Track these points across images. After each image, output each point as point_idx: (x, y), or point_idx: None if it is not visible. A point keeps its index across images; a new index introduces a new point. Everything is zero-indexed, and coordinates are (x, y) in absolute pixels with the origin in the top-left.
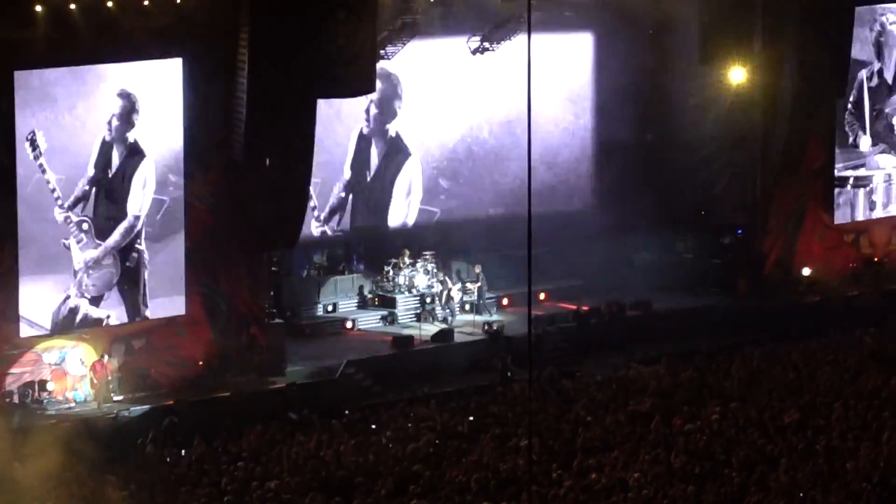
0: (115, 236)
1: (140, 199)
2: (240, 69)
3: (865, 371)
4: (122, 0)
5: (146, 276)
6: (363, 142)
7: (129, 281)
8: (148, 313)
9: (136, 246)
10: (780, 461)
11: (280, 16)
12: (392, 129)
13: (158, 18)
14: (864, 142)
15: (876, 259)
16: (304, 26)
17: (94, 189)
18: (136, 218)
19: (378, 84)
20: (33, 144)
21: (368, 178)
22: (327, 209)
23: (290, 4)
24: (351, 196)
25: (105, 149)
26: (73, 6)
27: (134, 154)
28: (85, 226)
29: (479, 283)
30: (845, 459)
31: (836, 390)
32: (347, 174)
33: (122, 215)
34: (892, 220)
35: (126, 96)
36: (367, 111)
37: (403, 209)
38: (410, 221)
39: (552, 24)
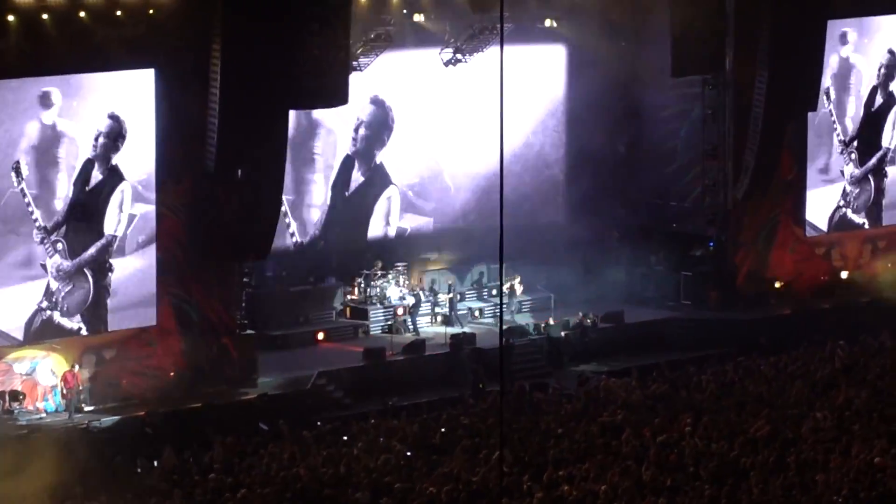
0: (90, 254)
1: (116, 218)
2: (212, 79)
3: (836, 384)
4: (95, 11)
5: (112, 289)
6: (347, 161)
7: (97, 295)
8: (110, 326)
9: (108, 261)
10: (750, 474)
11: (253, 26)
12: (378, 154)
13: (131, 29)
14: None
15: (847, 272)
16: (276, 37)
17: (70, 208)
18: (113, 237)
19: (370, 108)
20: (17, 172)
21: (347, 197)
22: (301, 222)
23: (263, 15)
24: (326, 212)
25: (86, 167)
26: (45, 16)
27: (113, 174)
28: (59, 245)
29: (450, 295)
30: (816, 472)
31: (806, 403)
32: (326, 190)
33: (99, 234)
34: (863, 234)
35: (115, 118)
36: (356, 132)
37: (381, 229)
38: (383, 235)
39: (525, 36)
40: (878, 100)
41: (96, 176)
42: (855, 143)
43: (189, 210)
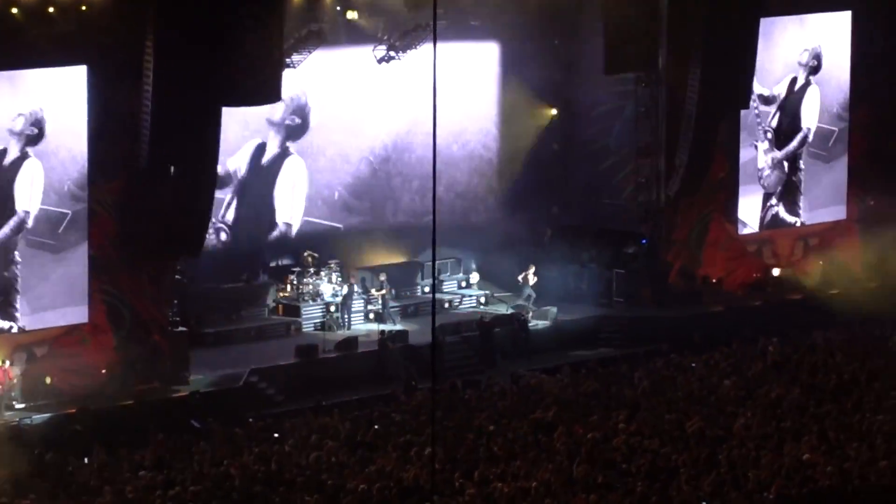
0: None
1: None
2: (145, 77)
3: (768, 380)
4: (28, 7)
5: (39, 286)
6: (259, 153)
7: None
8: (22, 324)
9: (15, 257)
10: (682, 470)
11: (186, 24)
12: (291, 143)
13: (63, 26)
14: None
15: (779, 269)
16: (209, 34)
17: None
18: (25, 216)
19: (286, 100)
20: None
21: (263, 189)
22: (226, 218)
23: (196, 12)
24: (245, 206)
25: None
26: None
27: (25, 157)
28: None
29: (383, 292)
30: (747, 469)
31: (738, 400)
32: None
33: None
34: (794, 231)
35: (33, 113)
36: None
37: (296, 219)
38: (308, 230)
39: (459, 34)
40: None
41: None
42: (772, 131)
43: (121, 207)
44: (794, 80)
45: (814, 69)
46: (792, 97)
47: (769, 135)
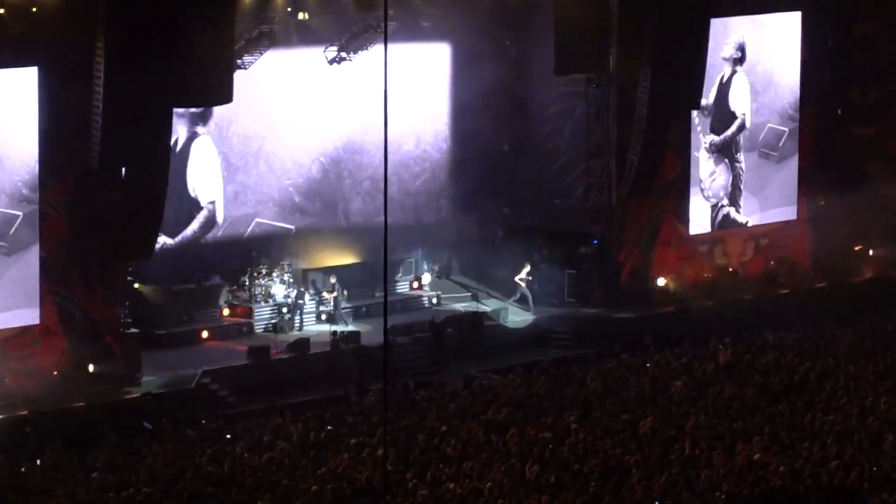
0: None
1: None
2: (96, 78)
3: (719, 380)
4: None
5: None
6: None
7: None
8: None
9: None
10: (634, 470)
11: (137, 24)
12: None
13: (13, 26)
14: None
15: (731, 269)
16: (160, 35)
17: None
18: None
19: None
20: None
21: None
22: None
23: (147, 13)
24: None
25: None
26: None
27: None
28: None
29: (335, 294)
30: (699, 469)
31: (690, 400)
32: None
33: None
34: (745, 231)
35: None
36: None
37: (218, 197)
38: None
39: (410, 34)
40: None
41: None
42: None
43: (73, 209)
44: (722, 77)
45: (738, 60)
46: (721, 90)
47: (706, 144)
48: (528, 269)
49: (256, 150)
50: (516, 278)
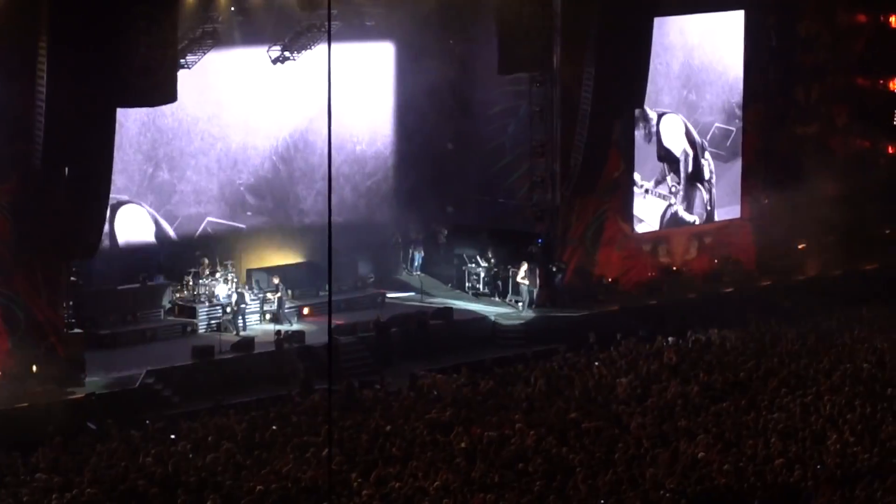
0: None
1: None
2: (39, 77)
3: (663, 379)
4: None
5: None
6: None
7: None
8: None
9: None
10: (578, 469)
11: (80, 24)
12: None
13: None
14: None
15: (674, 268)
16: (104, 34)
17: None
18: None
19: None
20: None
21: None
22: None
23: (90, 12)
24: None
25: None
26: None
27: None
28: None
29: (278, 294)
30: (644, 467)
31: (634, 398)
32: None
33: None
34: (689, 230)
35: None
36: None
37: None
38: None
39: (353, 34)
40: None
41: None
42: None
43: (15, 208)
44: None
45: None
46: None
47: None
48: (525, 267)
49: (207, 148)
50: (518, 278)
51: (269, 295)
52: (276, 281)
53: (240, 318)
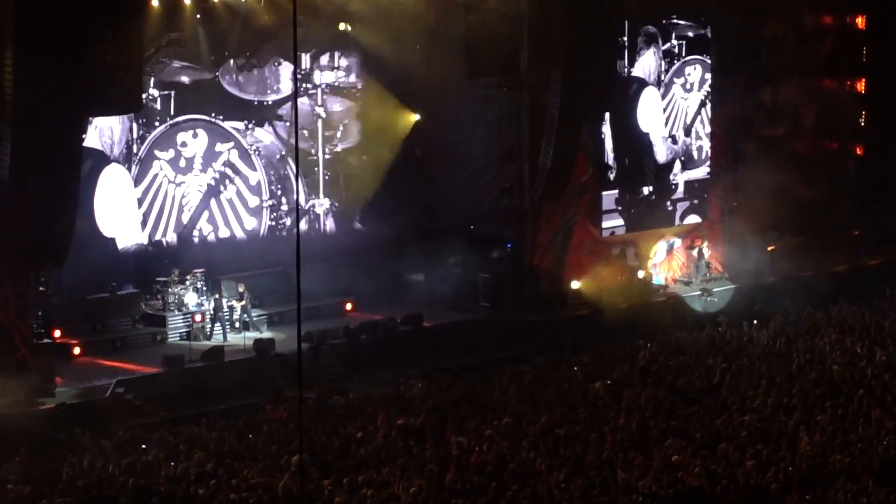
0: None
1: None
2: (6, 86)
3: (635, 382)
4: None
5: None
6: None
7: None
8: None
9: None
10: (552, 474)
11: (45, 33)
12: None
13: None
14: None
15: (643, 271)
16: (70, 44)
17: None
18: None
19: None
20: None
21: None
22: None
23: (56, 22)
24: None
25: None
26: None
27: None
28: None
29: (243, 302)
30: (616, 470)
31: (605, 402)
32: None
33: None
34: (657, 233)
35: None
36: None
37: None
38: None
39: (320, 42)
40: None
41: None
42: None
43: None
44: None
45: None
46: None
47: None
48: (242, 287)
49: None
50: None
51: (234, 303)
52: (241, 289)
53: (217, 325)
